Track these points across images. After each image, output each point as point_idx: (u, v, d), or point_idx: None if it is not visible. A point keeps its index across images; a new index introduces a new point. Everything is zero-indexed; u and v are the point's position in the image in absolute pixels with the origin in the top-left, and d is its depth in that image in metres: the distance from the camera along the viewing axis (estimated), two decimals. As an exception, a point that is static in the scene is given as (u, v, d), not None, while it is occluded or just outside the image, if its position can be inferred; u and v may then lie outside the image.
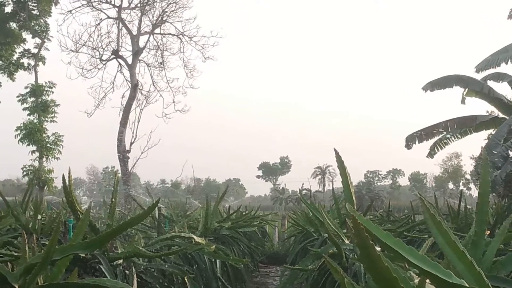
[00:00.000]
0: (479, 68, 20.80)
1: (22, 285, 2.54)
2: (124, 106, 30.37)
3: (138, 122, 29.89)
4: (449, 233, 1.89)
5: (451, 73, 20.49)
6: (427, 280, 2.40)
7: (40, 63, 34.99)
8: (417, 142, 21.37)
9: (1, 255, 3.20)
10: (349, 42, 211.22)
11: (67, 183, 3.66)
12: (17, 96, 34.14)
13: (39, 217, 7.84)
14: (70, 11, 30.95)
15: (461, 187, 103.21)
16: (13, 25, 34.46)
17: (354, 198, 3.12)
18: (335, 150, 3.09)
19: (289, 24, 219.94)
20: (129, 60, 31.35)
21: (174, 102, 32.45)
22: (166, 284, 4.16)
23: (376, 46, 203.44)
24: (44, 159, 33.08)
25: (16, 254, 3.19)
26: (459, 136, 21.45)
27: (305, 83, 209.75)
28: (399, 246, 1.64)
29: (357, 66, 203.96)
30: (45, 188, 32.74)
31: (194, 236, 5.35)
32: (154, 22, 32.25)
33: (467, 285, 1.53)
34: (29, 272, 2.55)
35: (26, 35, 35.05)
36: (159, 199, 4.27)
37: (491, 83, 20.50)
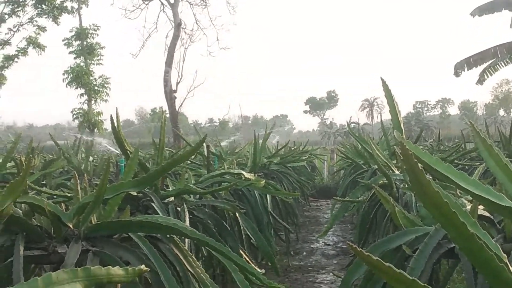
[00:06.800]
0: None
1: (76, 224, 2.59)
2: (168, 46, 30.41)
3: (183, 61, 29.93)
4: (501, 156, 1.85)
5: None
6: (480, 206, 2.38)
7: (83, 5, 35.10)
8: (466, 69, 20.99)
9: (55, 196, 3.26)
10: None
11: (116, 123, 3.69)
12: (63, 40, 34.43)
13: (91, 158, 8.01)
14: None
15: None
16: (55, -32, 34.48)
17: (402, 127, 3.06)
18: (381, 79, 3.02)
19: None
20: (171, -1, 31.22)
21: (218, 40, 32.34)
22: (218, 219, 4.20)
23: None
24: (93, 101, 33.50)
25: (69, 195, 3.24)
26: (509, 61, 20.97)
27: (353, 11, 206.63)
28: (449, 171, 1.60)
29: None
30: (96, 130, 33.26)
31: (244, 172, 5.36)
32: (195, -42, 31.90)
33: (520, 208, 1.50)
34: (82, 211, 2.59)
35: (68, -23, 35.06)
36: (206, 135, 4.27)
37: (541, 5, 19.91)
